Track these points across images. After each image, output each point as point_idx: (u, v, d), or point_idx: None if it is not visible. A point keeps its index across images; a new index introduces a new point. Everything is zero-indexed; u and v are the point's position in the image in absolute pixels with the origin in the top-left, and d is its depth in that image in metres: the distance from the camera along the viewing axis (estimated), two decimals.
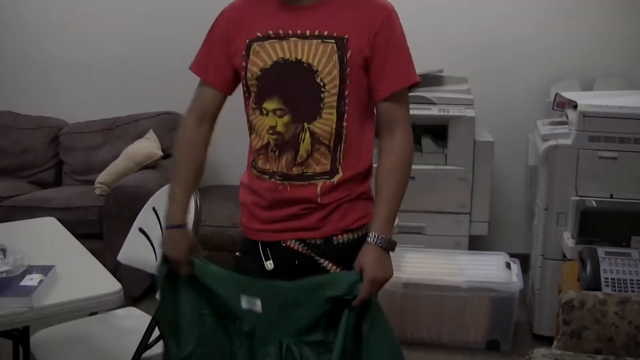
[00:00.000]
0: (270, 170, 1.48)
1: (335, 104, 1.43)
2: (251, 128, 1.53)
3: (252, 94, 1.49)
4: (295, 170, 1.45)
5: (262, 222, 1.53)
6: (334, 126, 1.43)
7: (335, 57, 1.41)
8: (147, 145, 3.70)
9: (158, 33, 4.04)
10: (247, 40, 1.47)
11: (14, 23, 4.24)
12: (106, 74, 4.18)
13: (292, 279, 1.48)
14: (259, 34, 1.46)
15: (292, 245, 1.50)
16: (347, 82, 1.42)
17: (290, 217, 1.49)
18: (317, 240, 1.49)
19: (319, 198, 1.46)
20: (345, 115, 1.44)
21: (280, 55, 1.43)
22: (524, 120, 3.63)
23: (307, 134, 1.44)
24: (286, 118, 1.44)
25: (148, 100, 4.11)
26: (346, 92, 1.43)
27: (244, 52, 1.47)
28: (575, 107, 2.86)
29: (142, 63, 4.13)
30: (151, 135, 3.83)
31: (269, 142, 1.47)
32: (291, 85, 1.43)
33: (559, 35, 3.71)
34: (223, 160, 4.13)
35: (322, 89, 1.41)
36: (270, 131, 1.46)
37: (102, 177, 3.60)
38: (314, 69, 1.41)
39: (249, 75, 1.47)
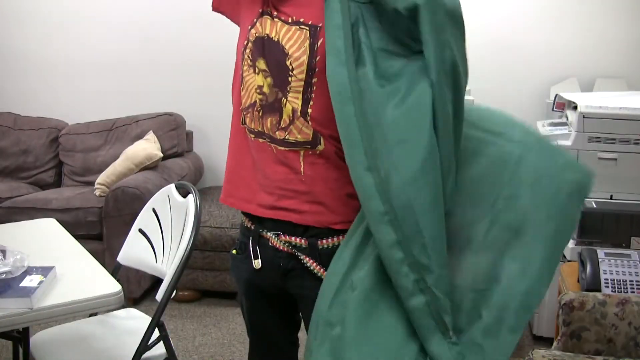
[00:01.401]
0: (256, 130, 1.50)
1: (301, 89, 1.43)
2: (240, 85, 1.53)
3: (249, 50, 1.50)
4: (279, 135, 1.46)
5: (248, 189, 1.53)
6: (300, 110, 1.43)
7: (307, 44, 1.42)
8: (147, 147, 3.70)
9: (158, 34, 4.05)
10: (260, 10, 1.50)
11: (14, 23, 4.25)
12: (106, 75, 4.18)
13: (277, 280, 1.51)
14: (262, 9, 1.50)
15: (276, 245, 1.50)
16: (316, 69, 1.41)
17: (274, 186, 1.48)
18: (302, 242, 1.48)
19: (302, 168, 1.46)
20: (311, 103, 1.43)
21: (267, 31, 1.46)
22: (524, 121, 3.64)
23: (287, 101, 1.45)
24: (269, 80, 1.46)
25: (148, 101, 4.11)
26: (314, 80, 1.42)
27: (257, 14, 1.51)
28: (575, 108, 2.86)
29: (142, 64, 4.14)
30: (151, 136, 3.83)
31: (255, 102, 1.48)
32: (272, 59, 1.45)
33: (559, 36, 3.71)
34: (223, 161, 4.13)
35: (290, 72, 1.42)
36: (258, 90, 1.48)
37: (102, 178, 3.60)
38: (286, 51, 1.42)
39: (252, 31, 1.49)
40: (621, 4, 3.65)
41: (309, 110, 1.42)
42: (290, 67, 1.42)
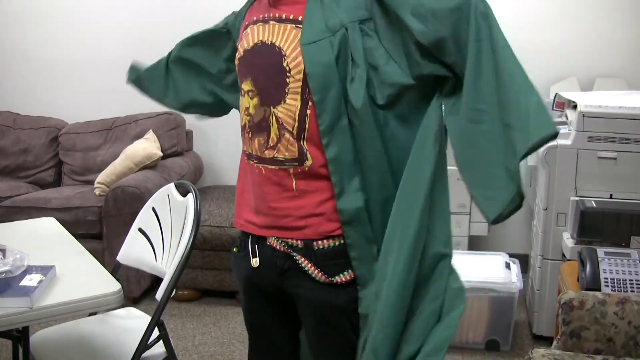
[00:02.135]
0: (247, 152, 1.50)
1: (299, 89, 1.40)
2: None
3: (238, 75, 1.51)
4: (267, 154, 1.45)
5: (249, 211, 1.54)
6: (298, 112, 1.41)
7: None
8: (147, 146, 3.70)
9: (158, 33, 4.04)
10: (246, 23, 1.52)
11: (14, 23, 4.25)
12: (106, 74, 4.18)
13: (274, 279, 1.51)
14: (254, 18, 1.50)
15: (273, 244, 1.50)
16: None
17: (267, 207, 1.48)
18: (298, 243, 1.47)
19: (293, 184, 1.45)
20: (310, 103, 1.41)
21: (260, 37, 1.45)
22: None
23: (274, 118, 1.43)
24: (255, 100, 1.45)
25: (147, 100, 4.10)
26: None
27: (240, 34, 1.53)
28: (575, 107, 2.86)
29: None
30: (151, 135, 3.83)
31: (245, 124, 1.49)
32: (262, 68, 1.44)
33: (559, 35, 3.71)
34: (222, 160, 4.14)
35: (288, 74, 1.41)
36: (246, 112, 1.48)
37: (102, 177, 3.60)
38: (283, 52, 1.41)
39: (237, 55, 1.50)
40: (621, 4, 3.65)
41: (308, 112, 1.41)
42: (287, 68, 1.41)
